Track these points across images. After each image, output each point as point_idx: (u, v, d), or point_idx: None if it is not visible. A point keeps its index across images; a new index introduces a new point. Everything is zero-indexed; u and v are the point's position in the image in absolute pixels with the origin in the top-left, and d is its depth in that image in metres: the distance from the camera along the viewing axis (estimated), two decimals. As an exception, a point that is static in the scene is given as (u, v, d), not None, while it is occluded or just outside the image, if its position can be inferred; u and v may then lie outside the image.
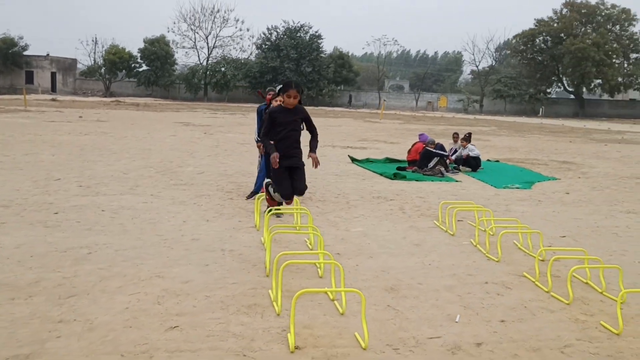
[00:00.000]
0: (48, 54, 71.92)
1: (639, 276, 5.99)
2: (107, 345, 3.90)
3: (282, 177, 6.28)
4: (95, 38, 76.72)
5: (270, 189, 6.47)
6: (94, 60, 73.63)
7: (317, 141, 6.69)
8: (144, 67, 70.49)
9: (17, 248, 5.93)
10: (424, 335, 4.31)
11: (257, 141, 9.78)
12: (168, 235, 6.78)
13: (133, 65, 70.78)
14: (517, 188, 11.53)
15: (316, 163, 6.38)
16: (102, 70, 70.90)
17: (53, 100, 46.52)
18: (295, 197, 7.99)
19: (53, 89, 69.58)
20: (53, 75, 71.45)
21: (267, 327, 4.34)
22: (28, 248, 5.94)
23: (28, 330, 4.05)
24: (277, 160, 6.01)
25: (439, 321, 4.60)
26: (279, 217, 7.88)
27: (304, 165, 6.40)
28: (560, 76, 72.70)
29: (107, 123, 24.48)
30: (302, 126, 6.58)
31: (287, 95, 6.24)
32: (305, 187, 6.43)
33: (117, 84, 72.84)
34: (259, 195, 8.02)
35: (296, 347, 3.99)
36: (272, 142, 6.37)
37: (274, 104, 8.15)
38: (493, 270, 5.99)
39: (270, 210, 6.96)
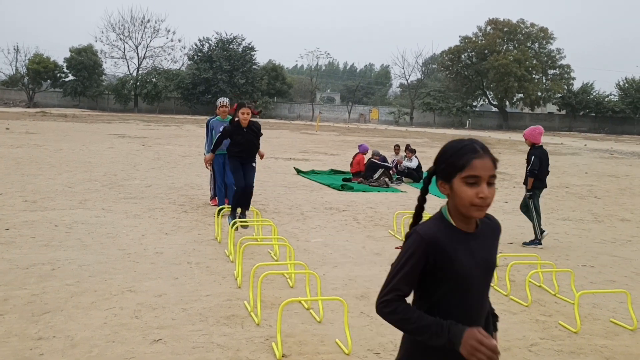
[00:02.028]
0: (-35, 62, 68.25)
1: (584, 278, 6.47)
2: (94, 360, 3.88)
3: None
4: (17, 46, 72.96)
5: None
6: (16, 69, 70.55)
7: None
8: (71, 77, 68.05)
9: (-25, 266, 5.72)
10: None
11: (206, 154, 9.67)
12: (130, 249, 6.70)
13: (59, 75, 68.18)
14: (460, 198, 12.02)
15: None
16: (25, 80, 67.91)
17: (-27, 110, 44.24)
18: (253, 208, 8.07)
19: (-29, 99, 66.05)
20: (-30, 84, 67.85)
21: (249, 337, 4.42)
22: (-13, 265, 5.75)
23: (8, 348, 3.96)
24: None
25: (412, 326, 4.81)
26: (244, 228, 7.84)
27: None
28: (485, 90, 75.87)
29: (38, 135, 23.55)
30: None
31: None
32: None
33: (41, 94, 69.93)
34: (219, 207, 8.05)
35: (283, 355, 4.10)
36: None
37: (242, 118, 7.97)
38: (453, 277, 6.29)
39: (235, 223, 7.01)
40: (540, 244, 7.85)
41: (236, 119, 8.11)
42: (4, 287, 5.17)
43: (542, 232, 7.91)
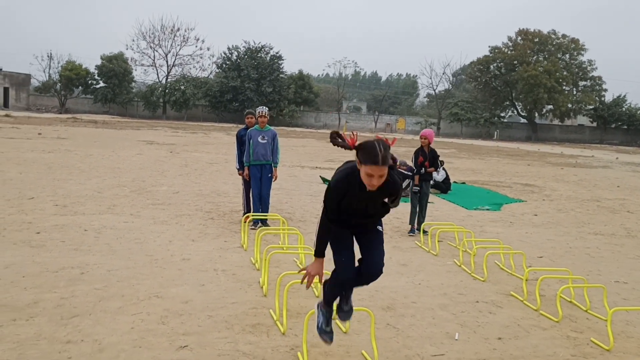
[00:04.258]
0: (1, 69, 69.95)
1: (617, 295, 6.30)
2: (121, 365, 3.89)
3: None
4: (50, 53, 74.71)
5: None
6: (49, 76, 72.18)
7: None
8: (101, 84, 69.37)
9: (7, 268, 5.81)
10: (427, 353, 4.45)
11: (238, 169, 9.57)
12: (157, 255, 6.75)
13: (90, 82, 69.54)
14: (487, 210, 11.88)
15: None
16: (58, 86, 69.39)
17: (6, 116, 45.21)
18: (279, 216, 8.04)
19: (5, 105, 67.52)
20: (5, 90, 69.39)
21: (275, 346, 4.40)
22: (18, 268, 5.84)
23: (37, 351, 4.00)
24: None
25: (439, 339, 4.75)
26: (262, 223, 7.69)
27: None
28: (514, 101, 75.06)
29: (69, 140, 23.98)
30: None
31: None
32: None
33: (72, 100, 71.37)
34: (245, 215, 8.06)
35: (309, 366, 4.07)
36: None
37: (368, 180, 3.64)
38: (481, 290, 6.19)
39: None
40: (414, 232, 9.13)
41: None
42: (35, 289, 5.24)
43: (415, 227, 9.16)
